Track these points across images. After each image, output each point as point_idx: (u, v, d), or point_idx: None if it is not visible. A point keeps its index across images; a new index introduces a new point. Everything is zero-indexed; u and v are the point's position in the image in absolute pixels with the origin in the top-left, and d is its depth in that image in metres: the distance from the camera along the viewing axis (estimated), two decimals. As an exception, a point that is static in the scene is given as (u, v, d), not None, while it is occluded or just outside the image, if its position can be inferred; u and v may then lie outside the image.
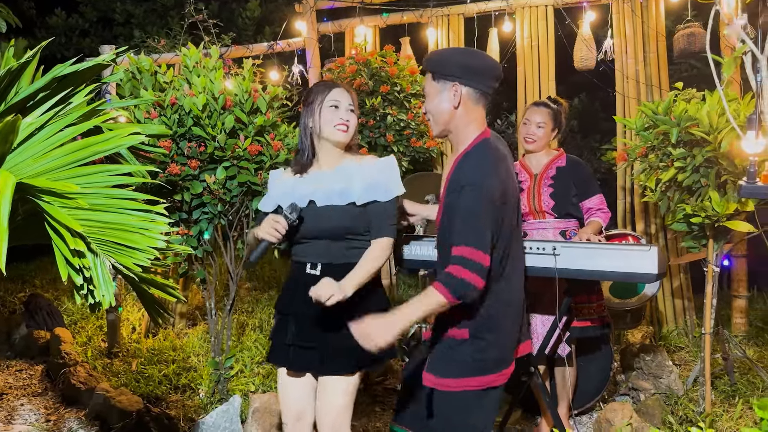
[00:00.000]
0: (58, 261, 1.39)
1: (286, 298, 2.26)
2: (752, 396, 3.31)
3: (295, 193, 2.24)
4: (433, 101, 2.02)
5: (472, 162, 1.95)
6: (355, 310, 2.09)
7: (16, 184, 1.44)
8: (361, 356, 2.09)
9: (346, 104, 2.21)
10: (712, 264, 2.98)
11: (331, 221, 2.17)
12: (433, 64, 2.03)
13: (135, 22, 7.90)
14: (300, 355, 2.17)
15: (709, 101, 2.73)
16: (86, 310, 4.60)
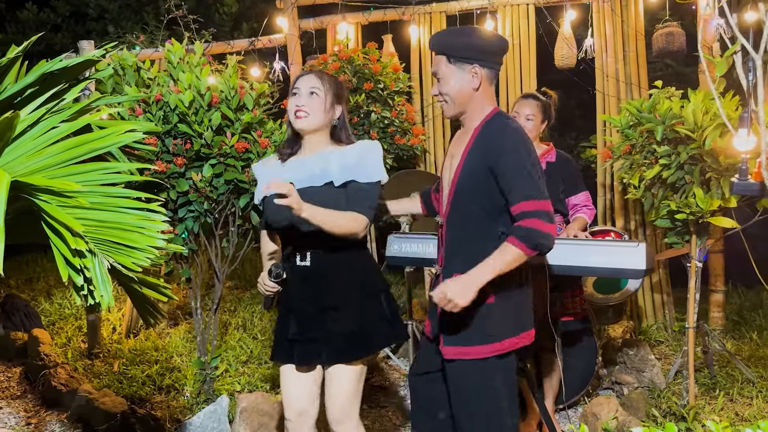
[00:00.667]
0: (57, 261, 1.36)
1: (284, 294, 2.25)
2: (732, 389, 3.38)
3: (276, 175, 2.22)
4: (450, 83, 2.06)
5: (499, 126, 2.04)
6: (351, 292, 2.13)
7: (11, 183, 1.41)
8: (364, 341, 2.12)
9: (306, 88, 2.16)
10: (695, 259, 3.03)
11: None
12: (448, 46, 2.05)
13: (109, 18, 7.76)
14: (304, 349, 2.16)
15: (693, 100, 2.78)
16: (64, 311, 4.52)
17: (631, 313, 4.59)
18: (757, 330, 4.32)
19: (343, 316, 2.13)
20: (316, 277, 2.18)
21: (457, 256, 2.10)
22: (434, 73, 2.11)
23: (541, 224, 1.89)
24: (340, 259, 2.17)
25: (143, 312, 2.09)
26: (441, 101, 2.11)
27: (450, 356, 2.07)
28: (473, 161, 2.06)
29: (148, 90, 3.03)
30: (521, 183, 1.94)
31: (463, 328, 2.05)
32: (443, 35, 2.12)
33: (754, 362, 3.74)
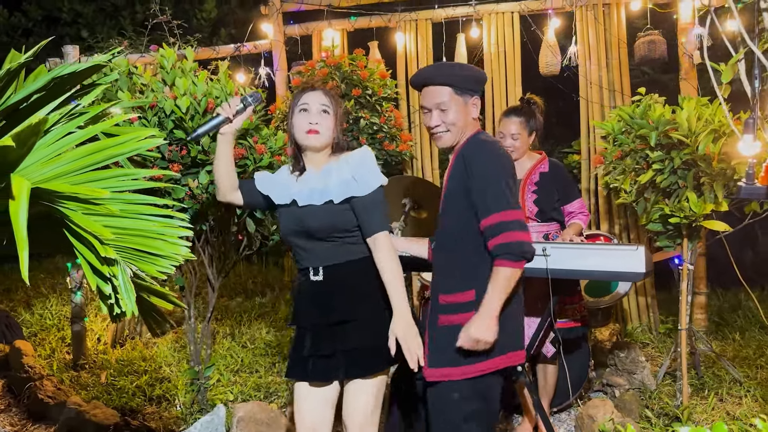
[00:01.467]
0: (84, 270, 1.33)
1: (300, 311, 2.22)
2: (720, 389, 3.46)
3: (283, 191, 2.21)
4: (458, 114, 2.11)
5: (472, 143, 2.11)
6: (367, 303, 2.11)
7: (31, 189, 1.37)
8: (381, 355, 2.08)
9: (317, 105, 2.14)
10: (687, 262, 3.10)
11: (310, 221, 2.12)
12: (455, 78, 2.11)
13: (83, 22, 7.63)
14: (320, 365, 2.12)
15: (686, 106, 2.84)
16: (45, 322, 4.40)
17: (617, 315, 4.66)
18: (739, 331, 4.42)
19: (358, 330, 2.09)
20: (329, 292, 2.15)
21: (440, 275, 2.16)
22: (437, 105, 2.12)
23: (520, 235, 1.93)
24: (354, 272, 2.14)
25: (150, 321, 2.05)
26: (443, 131, 2.13)
27: (432, 378, 2.07)
28: (454, 177, 2.12)
29: (141, 96, 2.99)
30: (491, 196, 1.97)
31: (448, 349, 2.05)
32: (447, 67, 2.18)
33: (738, 362, 3.83)
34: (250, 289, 5.60)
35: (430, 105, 2.14)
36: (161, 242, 1.47)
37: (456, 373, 2.04)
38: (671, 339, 4.38)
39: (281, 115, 4.47)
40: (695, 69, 4.37)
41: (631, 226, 4.59)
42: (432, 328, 2.13)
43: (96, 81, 2.13)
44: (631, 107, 3.16)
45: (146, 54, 4.49)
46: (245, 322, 4.59)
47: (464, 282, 2.01)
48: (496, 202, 1.96)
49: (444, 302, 2.08)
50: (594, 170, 4.41)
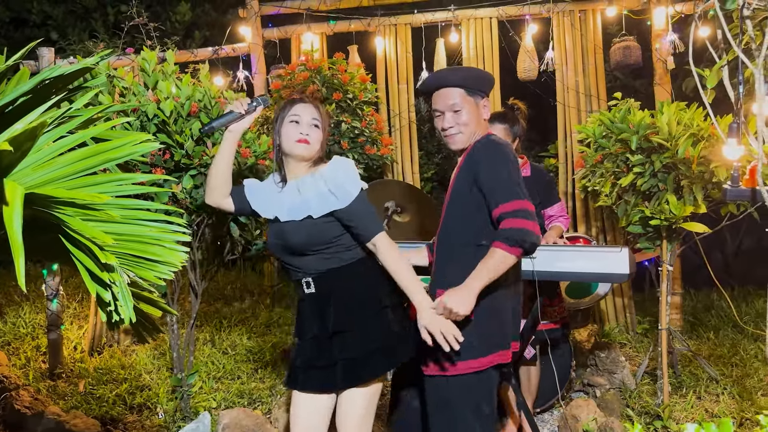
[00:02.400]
0: (83, 277, 1.30)
1: (300, 324, 2.24)
2: (698, 387, 3.53)
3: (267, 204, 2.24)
4: (471, 115, 2.16)
5: (483, 143, 2.15)
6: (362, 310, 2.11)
7: (25, 195, 1.34)
8: (376, 362, 2.10)
9: (308, 118, 2.17)
10: (667, 264, 3.16)
11: (292, 237, 2.14)
12: (467, 79, 2.17)
13: (53, 24, 7.47)
14: (315, 376, 2.13)
15: (666, 111, 2.90)
16: (19, 330, 4.29)
17: (595, 316, 4.73)
18: (713, 330, 4.52)
19: (356, 339, 2.10)
20: (321, 303, 2.16)
21: (438, 272, 2.20)
22: (450, 106, 2.16)
23: (523, 222, 1.94)
24: (344, 279, 2.14)
25: (139, 328, 2.02)
26: (455, 133, 2.17)
27: (429, 372, 2.13)
28: (461, 178, 2.16)
29: (123, 99, 2.94)
30: (501, 186, 2.02)
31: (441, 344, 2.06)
32: (459, 70, 2.24)
33: (713, 361, 3.92)
34: (228, 294, 5.54)
35: (443, 107, 2.18)
36: (159, 248, 1.45)
37: (455, 368, 2.08)
38: (648, 339, 4.46)
39: (261, 118, 4.44)
40: (669, 74, 4.47)
41: (608, 229, 4.67)
42: None
43: (82, 84, 2.10)
44: (612, 112, 3.22)
45: (123, 57, 4.42)
46: (225, 328, 4.54)
47: (464, 278, 2.02)
48: (506, 192, 1.99)
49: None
50: (575, 174, 4.47)
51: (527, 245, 1.96)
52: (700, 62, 4.20)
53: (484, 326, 2.10)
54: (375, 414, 2.19)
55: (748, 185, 1.90)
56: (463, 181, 2.12)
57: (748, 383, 3.52)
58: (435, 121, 2.25)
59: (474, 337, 2.08)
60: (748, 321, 4.48)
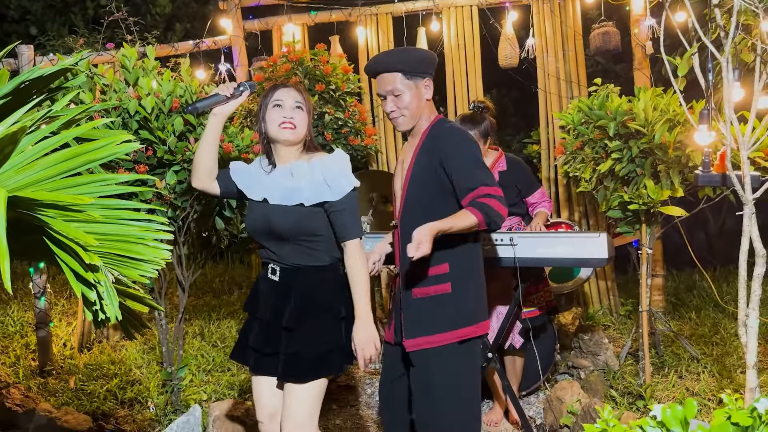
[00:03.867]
0: (68, 277, 1.33)
1: (253, 301, 2.26)
2: (679, 366, 3.61)
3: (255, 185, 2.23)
4: (409, 97, 2.19)
5: (446, 127, 2.22)
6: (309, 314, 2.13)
7: (8, 198, 1.36)
8: (320, 364, 2.11)
9: (291, 102, 2.17)
10: (646, 246, 3.22)
11: (279, 221, 2.13)
12: (404, 63, 2.18)
13: (31, 19, 7.39)
14: (261, 360, 2.18)
15: (642, 97, 2.95)
16: (7, 328, 4.30)
17: (579, 299, 4.81)
18: (695, 310, 4.61)
19: (303, 338, 2.11)
20: (281, 294, 2.17)
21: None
22: (390, 91, 2.19)
23: (498, 205, 2.03)
24: (310, 280, 2.15)
25: (126, 324, 2.04)
26: (398, 116, 2.22)
27: (411, 348, 2.18)
28: (423, 160, 2.20)
29: (104, 96, 2.94)
30: (474, 173, 2.08)
31: (423, 319, 2.17)
32: (396, 54, 2.24)
33: (695, 340, 4.00)
34: (217, 288, 5.57)
35: (384, 92, 2.23)
36: (142, 246, 1.48)
37: (433, 341, 2.15)
38: (631, 320, 4.54)
39: (244, 111, 4.45)
40: (648, 59, 4.51)
41: (590, 213, 4.73)
42: (406, 301, 2.22)
43: (63, 84, 2.11)
44: (590, 99, 3.26)
45: (103, 52, 4.40)
46: (214, 321, 4.57)
47: (437, 256, 2.10)
48: (479, 177, 2.07)
49: (416, 275, 2.18)
50: (555, 160, 4.52)
51: (494, 227, 2.06)
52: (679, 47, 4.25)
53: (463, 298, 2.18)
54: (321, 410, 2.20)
55: (719, 170, 1.95)
56: (428, 161, 2.16)
57: (727, 361, 3.60)
58: (381, 105, 2.29)
59: (454, 307, 2.17)
60: (728, 300, 4.57)
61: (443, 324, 2.16)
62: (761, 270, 1.98)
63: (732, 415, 1.08)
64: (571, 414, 3.04)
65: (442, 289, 2.17)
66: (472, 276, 2.22)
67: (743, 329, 2.04)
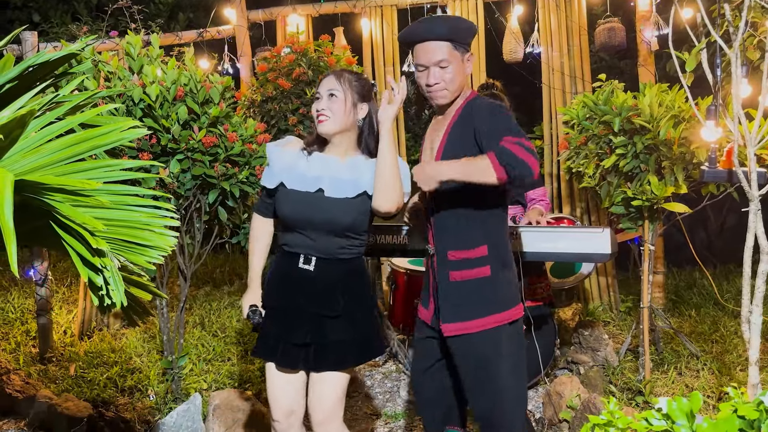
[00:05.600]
0: (75, 262, 1.33)
1: (276, 291, 2.22)
2: (679, 363, 3.62)
3: (296, 171, 2.15)
4: (457, 70, 2.07)
5: (481, 100, 2.11)
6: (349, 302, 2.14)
7: (14, 182, 1.36)
8: (356, 352, 2.13)
9: (325, 91, 2.13)
10: (649, 243, 3.22)
11: (336, 214, 2.10)
12: (455, 32, 2.05)
13: (34, 6, 7.37)
14: (290, 352, 2.14)
15: (648, 93, 2.94)
16: (8, 315, 4.30)
17: (579, 295, 4.81)
18: (695, 307, 4.62)
19: (337, 325, 2.12)
20: (317, 283, 2.16)
21: (447, 232, 2.16)
22: (437, 62, 2.04)
23: (520, 150, 1.85)
24: (344, 269, 2.16)
25: (129, 311, 2.04)
26: (440, 89, 2.08)
27: (451, 333, 2.13)
28: (456, 133, 2.10)
29: (108, 83, 2.93)
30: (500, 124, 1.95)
31: (460, 303, 2.13)
32: (445, 20, 2.11)
33: (695, 337, 4.01)
34: (217, 278, 5.57)
35: (428, 62, 2.06)
36: (149, 233, 1.48)
37: (473, 326, 2.10)
38: (631, 317, 4.55)
39: (247, 101, 4.43)
40: (653, 55, 4.50)
41: (592, 209, 4.73)
42: (443, 285, 2.16)
43: (68, 70, 2.10)
44: (595, 94, 3.26)
45: (107, 40, 4.38)
46: (215, 311, 4.57)
47: (475, 238, 2.07)
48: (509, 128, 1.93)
49: (454, 258, 2.12)
50: (558, 156, 4.52)
51: (513, 173, 1.86)
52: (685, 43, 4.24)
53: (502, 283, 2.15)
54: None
55: (725, 166, 1.95)
56: (460, 137, 2.06)
57: (727, 359, 3.61)
58: (417, 76, 2.13)
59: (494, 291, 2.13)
60: (729, 299, 4.57)
61: (484, 309, 2.11)
62: (766, 267, 1.98)
63: (738, 409, 1.08)
64: (570, 409, 3.05)
65: (481, 272, 2.12)
66: (507, 259, 2.19)
67: (746, 325, 2.04)
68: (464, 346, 2.14)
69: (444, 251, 2.14)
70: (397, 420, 3.31)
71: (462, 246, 2.09)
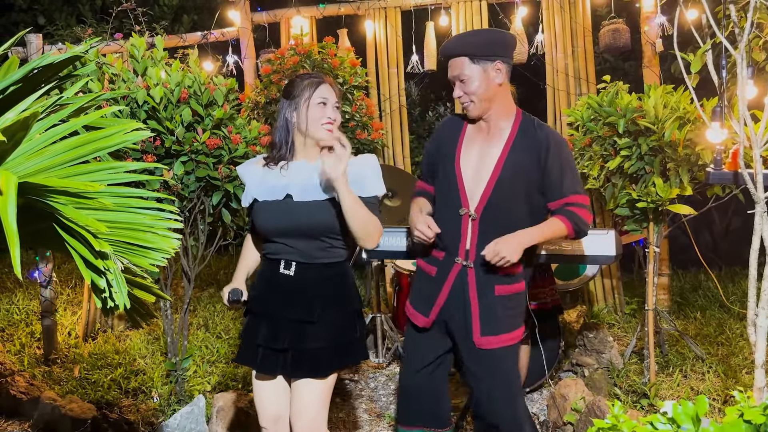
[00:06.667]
0: (78, 264, 1.32)
1: (259, 298, 2.20)
2: (684, 366, 3.60)
3: (267, 183, 2.16)
4: (476, 83, 2.16)
5: (539, 124, 2.24)
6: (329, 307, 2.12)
7: (18, 184, 1.36)
8: (333, 358, 2.10)
9: (333, 101, 2.15)
10: (653, 245, 3.21)
11: (308, 217, 2.09)
12: (471, 46, 2.15)
13: (39, 9, 7.40)
14: (270, 358, 2.12)
15: (653, 95, 2.93)
16: (12, 317, 4.31)
17: (584, 297, 4.80)
18: (700, 310, 4.60)
19: (315, 331, 2.10)
20: (297, 289, 2.14)
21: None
22: (457, 76, 2.18)
23: (586, 214, 2.17)
24: (325, 274, 2.14)
25: (133, 313, 2.04)
26: (467, 102, 2.20)
27: (490, 346, 2.20)
28: (519, 157, 2.19)
29: (112, 86, 2.94)
30: (570, 178, 2.18)
31: (502, 316, 2.21)
32: (462, 37, 2.24)
33: (700, 340, 3.99)
34: (221, 280, 5.57)
35: (451, 77, 2.22)
36: (152, 235, 1.47)
37: (509, 338, 2.22)
38: (636, 319, 4.53)
39: (251, 103, 4.44)
40: (657, 57, 4.49)
41: (597, 211, 4.71)
42: (486, 298, 2.23)
43: (72, 72, 2.10)
44: (600, 96, 3.25)
45: (111, 42, 4.40)
46: (218, 313, 4.57)
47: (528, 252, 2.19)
48: (573, 184, 2.18)
49: (504, 273, 2.20)
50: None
51: (582, 235, 2.23)
52: (689, 44, 4.22)
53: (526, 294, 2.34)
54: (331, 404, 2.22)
55: (731, 168, 1.94)
56: (523, 162, 2.17)
57: (733, 361, 3.59)
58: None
59: (523, 304, 2.31)
60: (734, 301, 4.55)
61: (517, 322, 2.27)
62: (771, 269, 1.97)
63: (744, 413, 1.07)
64: (574, 411, 3.04)
65: (517, 288, 2.26)
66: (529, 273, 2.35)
67: (752, 328, 2.03)
68: (496, 356, 2.21)
69: (491, 266, 2.16)
70: (401, 422, 3.31)
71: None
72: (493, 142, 2.22)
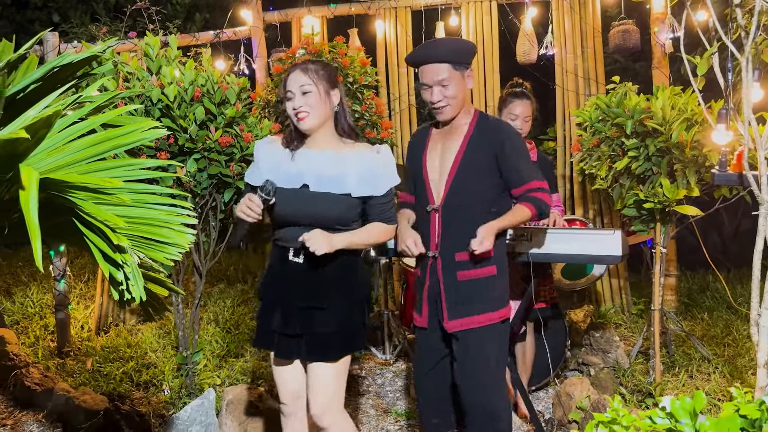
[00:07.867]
0: (96, 258, 1.37)
1: (269, 284, 2.27)
2: (690, 366, 3.62)
3: (282, 170, 2.20)
4: (458, 87, 2.30)
5: (494, 120, 2.42)
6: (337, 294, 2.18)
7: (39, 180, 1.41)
8: (351, 342, 2.18)
9: (297, 88, 2.14)
10: (660, 246, 3.23)
11: (322, 208, 2.14)
12: (454, 53, 2.28)
13: (54, 6, 7.49)
14: (285, 343, 2.20)
15: (661, 96, 2.95)
16: (27, 310, 4.39)
17: (591, 297, 4.81)
18: (707, 311, 4.61)
19: (325, 317, 2.16)
20: (307, 276, 2.19)
21: (454, 236, 2.35)
22: (438, 81, 2.28)
23: (546, 197, 2.36)
24: (335, 263, 2.18)
25: (147, 307, 2.09)
26: (444, 105, 2.32)
27: (456, 328, 2.31)
28: (475, 152, 2.33)
29: (127, 84, 3.00)
30: (526, 167, 2.35)
31: (469, 300, 2.32)
32: (444, 44, 2.35)
33: (707, 341, 4.00)
34: (231, 275, 5.63)
35: (431, 81, 2.30)
36: (167, 230, 1.52)
37: (477, 321, 2.31)
38: (643, 319, 4.55)
39: (262, 102, 4.49)
40: (667, 58, 4.50)
41: (605, 211, 4.73)
42: (449, 284, 2.35)
43: (89, 71, 2.16)
44: (608, 96, 3.27)
45: (126, 41, 4.46)
46: (229, 308, 4.63)
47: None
48: (530, 171, 2.36)
49: (462, 260, 2.33)
50: (570, 157, 4.52)
51: (545, 217, 2.41)
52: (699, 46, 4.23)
53: (504, 282, 2.43)
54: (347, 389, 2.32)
55: (736, 170, 1.96)
56: (479, 156, 2.31)
57: (739, 362, 3.61)
58: (423, 94, 2.38)
59: (498, 288, 2.39)
60: (742, 302, 4.55)
61: (490, 304, 2.35)
62: (775, 270, 1.99)
63: (740, 408, 1.10)
64: (580, 410, 3.07)
65: (489, 271, 2.36)
66: (504, 260, 2.45)
67: (755, 328, 2.05)
68: (467, 339, 2.31)
69: (451, 252, 2.33)
70: (408, 418, 3.34)
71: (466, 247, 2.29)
72: (453, 140, 2.38)
